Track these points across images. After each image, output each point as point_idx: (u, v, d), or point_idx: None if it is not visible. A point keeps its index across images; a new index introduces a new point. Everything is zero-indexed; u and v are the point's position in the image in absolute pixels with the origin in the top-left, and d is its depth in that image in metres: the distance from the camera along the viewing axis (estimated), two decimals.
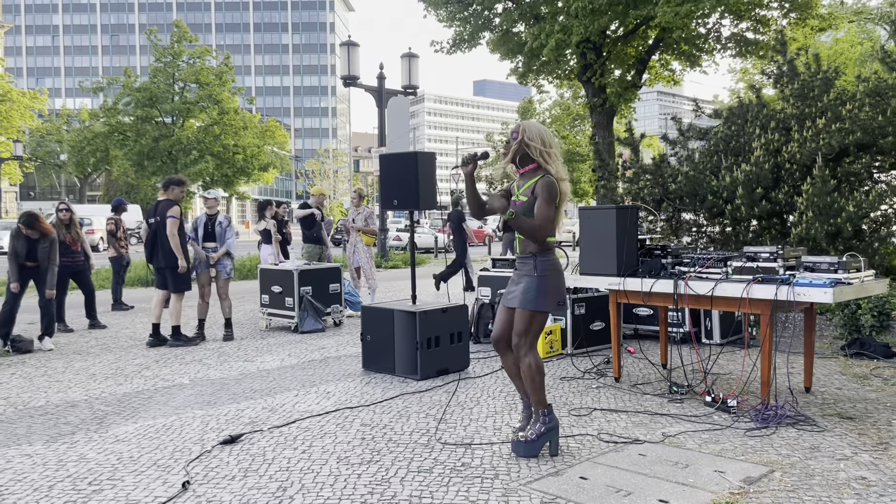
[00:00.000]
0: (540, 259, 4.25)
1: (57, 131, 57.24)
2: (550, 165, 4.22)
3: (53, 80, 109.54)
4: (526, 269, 4.29)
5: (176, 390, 6.10)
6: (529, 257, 4.28)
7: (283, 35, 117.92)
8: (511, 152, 4.29)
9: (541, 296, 4.22)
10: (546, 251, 4.26)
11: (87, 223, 31.74)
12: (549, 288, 4.24)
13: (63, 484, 3.95)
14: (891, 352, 6.77)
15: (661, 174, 9.26)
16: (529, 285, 4.23)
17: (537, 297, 4.22)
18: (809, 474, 3.89)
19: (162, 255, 8.15)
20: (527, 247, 4.28)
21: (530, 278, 4.24)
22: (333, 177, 76.22)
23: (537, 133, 4.23)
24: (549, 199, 4.13)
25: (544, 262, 4.25)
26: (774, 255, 5.02)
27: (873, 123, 7.93)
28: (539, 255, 4.25)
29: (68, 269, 9.47)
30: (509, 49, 18.48)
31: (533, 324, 4.26)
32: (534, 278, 4.23)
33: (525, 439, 4.23)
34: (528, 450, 4.22)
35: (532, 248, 4.26)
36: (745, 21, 16.98)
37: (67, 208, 9.63)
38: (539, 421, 4.26)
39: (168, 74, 38.06)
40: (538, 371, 4.24)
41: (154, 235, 8.20)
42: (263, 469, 4.12)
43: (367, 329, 6.74)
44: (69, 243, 9.46)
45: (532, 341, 4.27)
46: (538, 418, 4.27)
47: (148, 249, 8.35)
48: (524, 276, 4.28)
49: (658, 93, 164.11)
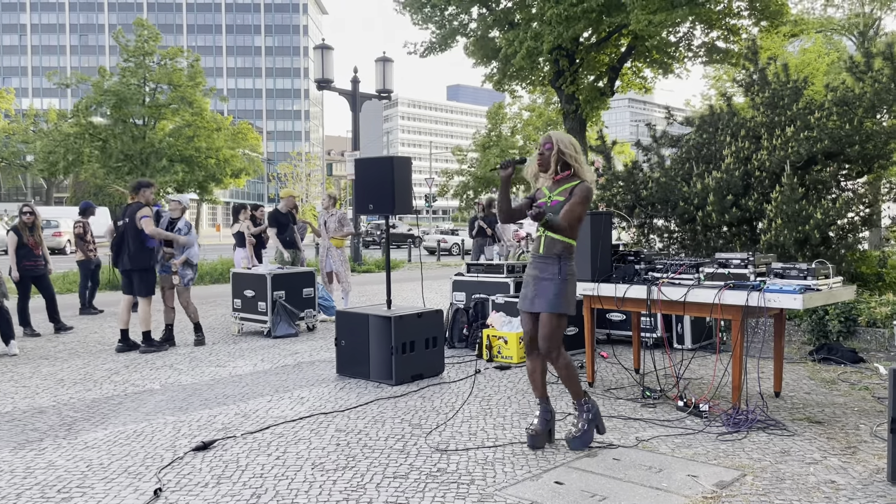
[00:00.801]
0: (564, 262, 4.42)
1: (24, 132, 56.20)
2: (585, 172, 4.48)
3: (20, 79, 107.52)
4: (549, 271, 4.41)
5: (146, 396, 6.02)
6: (554, 259, 4.41)
7: (255, 37, 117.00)
8: (553, 164, 4.47)
9: (567, 298, 4.40)
10: (570, 254, 4.45)
11: (53, 225, 31.23)
12: (572, 290, 4.43)
13: (31, 492, 3.87)
14: (858, 357, 6.90)
15: (634, 181, 9.35)
16: (557, 289, 4.37)
17: (563, 300, 4.38)
18: (780, 478, 3.95)
19: (128, 258, 8.03)
20: (552, 248, 4.42)
21: (554, 281, 4.38)
22: (306, 180, 75.78)
23: (569, 142, 4.48)
24: (584, 202, 4.36)
25: (569, 266, 4.43)
26: (746, 261, 5.10)
27: (840, 132, 8.10)
28: (563, 258, 4.42)
29: (29, 273, 9.29)
30: (484, 54, 18.56)
31: (560, 326, 4.43)
32: (559, 281, 4.38)
33: (579, 433, 4.44)
34: (583, 442, 4.44)
35: (558, 249, 4.41)
36: (717, 30, 17.23)
37: (31, 211, 9.43)
38: (584, 411, 4.50)
39: (139, 75, 37.57)
40: (571, 367, 4.47)
41: (121, 238, 8.09)
42: (237, 476, 4.08)
43: (342, 334, 6.70)
44: (31, 246, 9.27)
45: (559, 343, 4.45)
46: (582, 409, 4.50)
47: (115, 253, 8.22)
48: (546, 280, 4.41)
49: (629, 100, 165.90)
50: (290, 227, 10.57)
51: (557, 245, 4.40)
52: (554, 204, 4.42)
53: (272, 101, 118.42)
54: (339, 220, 10.56)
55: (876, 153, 8.39)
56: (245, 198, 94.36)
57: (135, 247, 8.01)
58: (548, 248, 4.42)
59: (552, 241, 4.41)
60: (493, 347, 7.25)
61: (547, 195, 4.51)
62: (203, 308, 11.84)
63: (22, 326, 9.19)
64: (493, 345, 7.25)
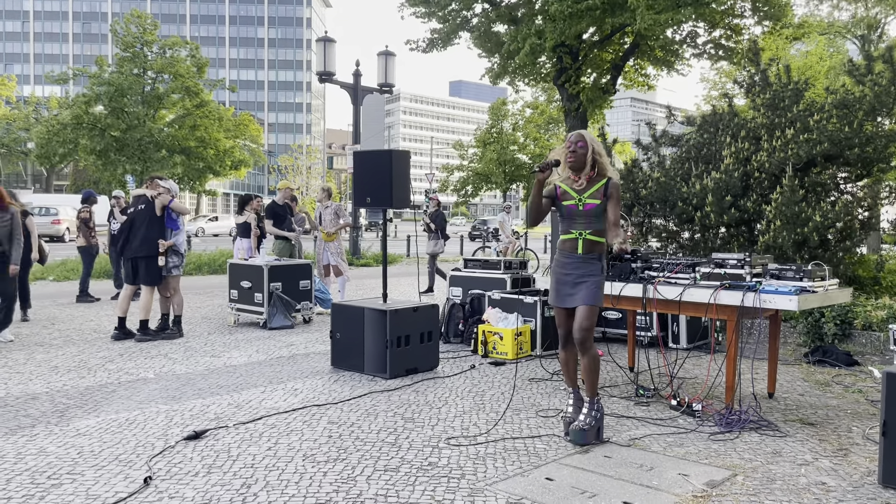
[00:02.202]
0: (601, 262, 4.67)
1: (25, 119, 56.13)
2: (610, 169, 4.73)
3: (22, 66, 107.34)
4: (592, 268, 4.62)
5: (140, 384, 6.02)
6: (597, 258, 4.65)
7: (258, 29, 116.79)
8: (588, 163, 4.61)
9: (601, 292, 4.64)
10: (603, 253, 4.71)
11: (53, 213, 31.20)
12: (603, 286, 4.69)
13: (21, 478, 3.87)
14: (852, 360, 6.90)
15: (633, 179, 9.34)
16: (598, 283, 4.60)
17: (599, 294, 4.61)
18: (771, 479, 3.95)
19: (138, 244, 8.05)
20: (594, 248, 4.64)
21: (597, 278, 4.60)
22: (307, 173, 75.76)
23: (599, 143, 4.69)
24: (619, 199, 4.66)
25: (603, 265, 4.69)
26: (742, 262, 5.09)
27: (840, 135, 8.08)
28: (601, 258, 4.68)
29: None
30: (487, 49, 18.51)
31: (595, 318, 4.62)
32: (600, 277, 4.61)
33: (587, 427, 4.49)
34: (586, 437, 4.47)
35: (599, 250, 4.65)
36: (720, 28, 17.18)
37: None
38: (594, 408, 4.57)
39: (137, 64, 37.44)
40: (598, 361, 4.64)
41: (130, 226, 8.14)
42: (228, 465, 4.08)
43: (337, 327, 6.70)
44: None
45: (593, 334, 4.63)
46: (593, 405, 4.58)
47: (122, 240, 8.26)
48: (589, 276, 4.59)
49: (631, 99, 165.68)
50: (287, 218, 10.55)
51: (598, 246, 4.65)
52: (589, 208, 4.61)
53: (274, 92, 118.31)
54: (336, 211, 10.56)
55: (875, 156, 8.38)
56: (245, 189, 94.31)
57: (145, 233, 8.03)
58: (589, 248, 4.64)
59: (593, 242, 4.63)
60: (489, 343, 7.24)
61: (576, 196, 4.64)
62: (200, 298, 11.84)
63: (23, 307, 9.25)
64: (489, 340, 7.25)
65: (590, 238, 4.62)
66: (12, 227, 7.90)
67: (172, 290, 8.39)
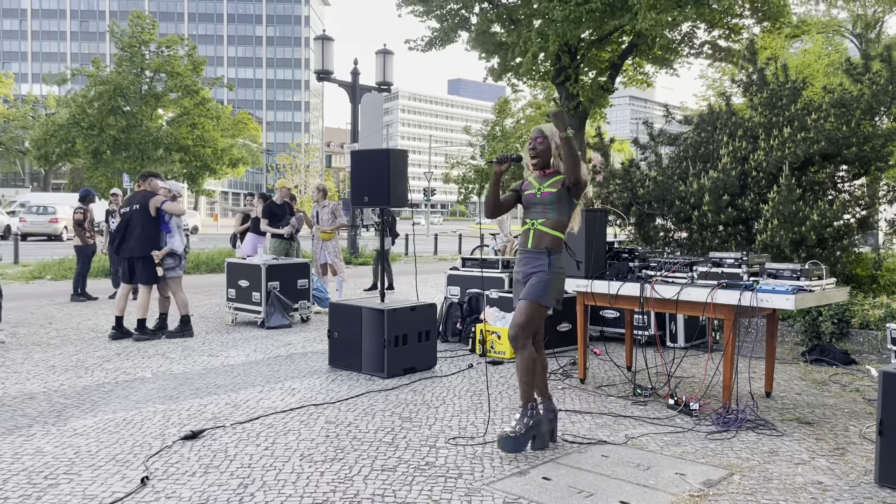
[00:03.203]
0: (554, 256, 4.35)
1: (23, 117, 56.03)
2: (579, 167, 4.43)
3: (20, 64, 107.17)
4: (537, 264, 4.35)
5: (137, 384, 6.01)
6: (543, 252, 4.35)
7: (256, 27, 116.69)
8: (554, 156, 4.41)
9: (548, 291, 4.31)
10: (558, 248, 4.38)
11: (51, 212, 31.17)
12: (557, 286, 4.36)
13: (18, 478, 3.87)
14: (850, 359, 6.91)
15: (631, 179, 9.34)
16: (543, 279, 4.30)
17: (544, 291, 4.30)
18: (767, 478, 3.95)
19: (134, 244, 8.05)
20: (542, 241, 4.36)
21: (543, 273, 4.31)
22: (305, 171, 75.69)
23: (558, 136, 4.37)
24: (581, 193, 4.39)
25: (558, 260, 4.37)
26: (739, 261, 5.10)
27: (838, 134, 8.09)
28: (553, 252, 4.36)
29: None
30: (485, 49, 18.51)
31: (535, 316, 4.31)
32: (546, 273, 4.31)
33: (514, 434, 4.24)
34: (514, 445, 4.23)
35: (547, 243, 4.35)
36: (718, 28, 17.19)
37: None
38: (526, 415, 4.31)
39: (135, 64, 37.35)
40: (533, 363, 4.33)
41: (126, 224, 8.12)
42: (225, 465, 4.08)
43: (335, 326, 6.70)
44: None
45: (531, 333, 4.34)
46: (525, 412, 4.32)
47: (117, 239, 8.23)
48: (536, 272, 4.34)
49: (630, 97, 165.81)
50: (284, 217, 10.55)
51: (548, 239, 4.35)
52: (545, 195, 4.37)
53: (272, 91, 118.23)
54: (332, 211, 10.57)
55: (873, 155, 8.38)
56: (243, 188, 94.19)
57: (140, 233, 8.02)
58: (538, 240, 4.37)
59: (541, 233, 4.36)
60: (487, 342, 7.25)
61: (536, 186, 4.44)
62: (198, 297, 11.83)
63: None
64: (487, 339, 7.25)
65: (540, 228, 4.37)
66: None
67: (172, 292, 8.38)
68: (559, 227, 4.37)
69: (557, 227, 4.37)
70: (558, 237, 4.37)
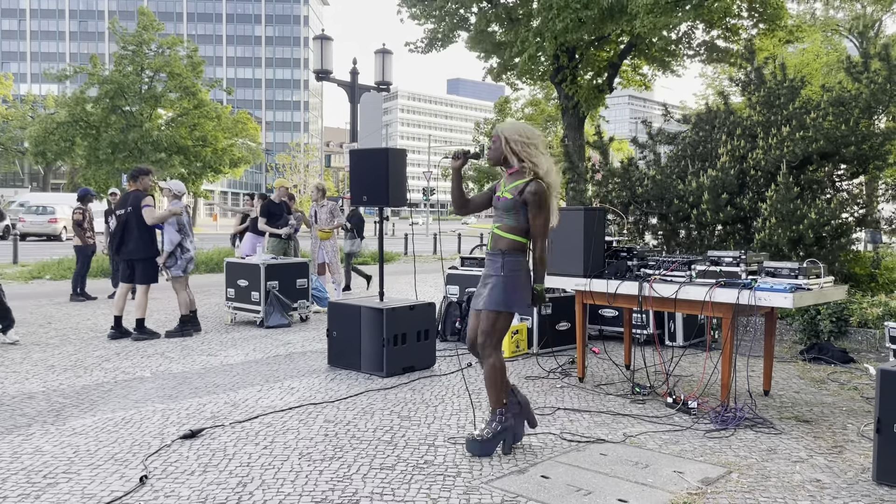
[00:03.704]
0: (508, 258, 4.22)
1: (22, 117, 56.01)
2: (536, 161, 4.17)
3: (19, 64, 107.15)
4: (493, 267, 4.26)
5: (136, 383, 6.02)
6: (498, 255, 4.25)
7: (255, 27, 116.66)
8: (509, 155, 4.23)
9: (506, 296, 4.20)
10: (514, 250, 4.23)
11: (50, 211, 31.16)
12: (515, 288, 4.21)
13: (17, 477, 3.87)
14: (848, 357, 6.92)
15: (629, 177, 9.35)
16: (496, 285, 4.22)
17: (503, 297, 4.20)
18: (765, 476, 3.96)
19: (133, 246, 8.04)
20: (497, 244, 4.26)
21: (497, 278, 4.22)
22: (304, 171, 75.70)
23: (515, 131, 4.21)
24: (542, 206, 4.15)
25: (511, 262, 4.21)
26: (737, 259, 5.10)
27: (836, 132, 8.10)
28: (507, 254, 4.22)
29: None
30: (484, 49, 18.52)
31: (497, 324, 4.25)
32: (500, 278, 4.21)
33: (481, 438, 4.23)
34: (483, 448, 4.22)
35: (502, 245, 4.24)
36: (717, 29, 17.20)
37: None
38: (495, 420, 4.28)
39: (136, 63, 37.33)
40: (501, 371, 4.27)
41: (123, 226, 8.10)
42: (224, 464, 4.08)
43: (334, 325, 6.70)
44: None
45: (497, 342, 4.28)
46: (494, 417, 4.29)
47: (116, 241, 8.22)
48: (491, 276, 4.27)
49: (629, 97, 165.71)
50: (282, 217, 10.55)
51: (501, 241, 4.25)
52: (500, 200, 4.25)
53: (272, 91, 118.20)
54: (331, 211, 10.59)
55: (871, 154, 8.40)
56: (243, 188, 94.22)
57: (138, 235, 8.01)
58: (494, 243, 4.28)
59: (497, 237, 4.27)
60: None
61: (501, 189, 4.32)
62: (197, 297, 11.77)
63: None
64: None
65: (496, 231, 4.25)
66: None
67: (175, 291, 8.37)
68: (514, 232, 4.22)
69: (512, 231, 4.22)
70: (514, 240, 4.22)
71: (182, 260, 8.34)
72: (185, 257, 8.37)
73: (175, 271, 8.29)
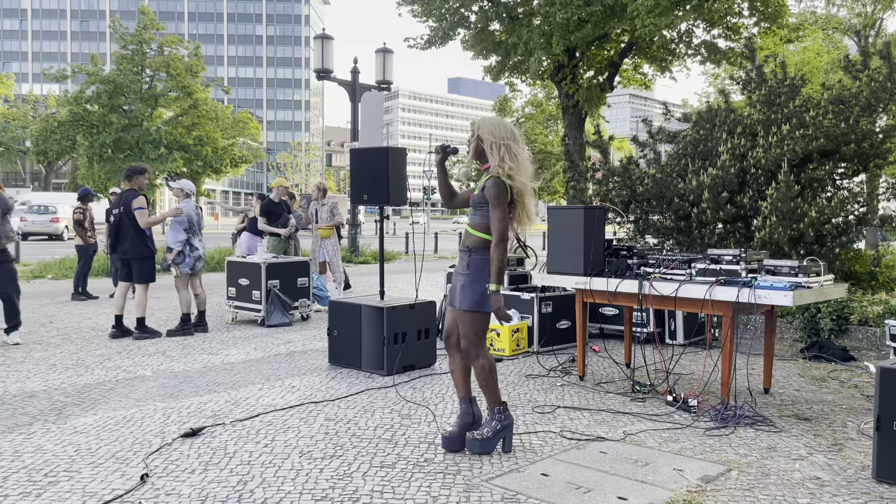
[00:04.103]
0: (474, 256, 4.16)
1: (23, 117, 56.06)
2: (504, 159, 4.08)
3: (20, 64, 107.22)
4: (461, 265, 4.22)
5: (138, 382, 6.03)
6: (466, 252, 4.20)
7: (256, 26, 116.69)
8: (471, 150, 4.25)
9: (473, 294, 4.15)
10: (480, 248, 4.16)
11: (52, 211, 31.20)
12: (481, 286, 4.15)
13: (18, 475, 3.89)
14: (848, 355, 6.92)
15: (630, 176, 9.35)
16: (465, 283, 4.17)
17: (471, 296, 4.15)
18: (765, 474, 3.96)
19: (128, 246, 8.05)
20: (466, 239, 4.21)
21: (464, 277, 4.18)
22: (305, 170, 75.73)
23: (489, 128, 4.15)
24: (498, 201, 4.04)
25: (477, 260, 4.15)
26: (737, 257, 5.11)
27: (836, 130, 8.09)
28: (474, 252, 4.16)
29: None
30: (484, 47, 18.50)
31: (476, 324, 4.20)
32: (466, 276, 4.17)
33: (481, 437, 4.22)
34: (483, 447, 4.22)
35: (470, 241, 4.18)
36: (717, 28, 17.18)
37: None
38: (494, 419, 4.26)
39: (135, 63, 37.34)
40: (491, 371, 4.23)
41: (118, 225, 8.10)
42: (224, 462, 4.09)
43: (335, 324, 6.71)
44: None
45: (480, 341, 4.24)
46: (493, 416, 4.27)
47: (112, 240, 8.24)
48: (459, 274, 4.23)
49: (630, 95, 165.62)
50: (282, 216, 10.56)
51: (469, 238, 4.19)
52: (471, 197, 4.26)
53: (272, 90, 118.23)
54: (331, 209, 10.60)
55: (872, 152, 8.39)
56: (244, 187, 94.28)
57: (133, 235, 8.01)
58: (464, 240, 4.23)
59: (467, 233, 4.21)
60: (486, 340, 7.24)
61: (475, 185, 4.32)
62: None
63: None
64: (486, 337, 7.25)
65: (467, 229, 4.22)
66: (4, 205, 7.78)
67: (176, 288, 8.38)
68: (479, 228, 4.15)
69: (478, 227, 4.16)
70: (479, 237, 4.15)
71: (190, 258, 8.36)
72: (194, 255, 8.39)
73: (183, 269, 8.31)
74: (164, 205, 53.22)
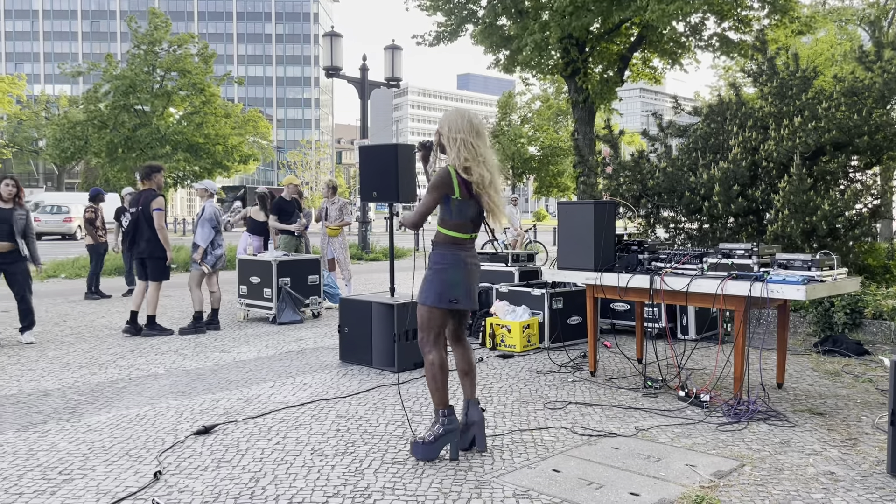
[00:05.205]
0: (435, 252, 4.09)
1: (35, 117, 56.39)
2: (457, 151, 3.98)
3: (32, 65, 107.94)
4: (429, 260, 4.15)
5: (151, 380, 6.06)
6: (432, 247, 4.13)
7: (266, 25, 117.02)
8: (435, 145, 4.20)
9: (430, 291, 4.07)
10: (444, 244, 4.08)
11: (64, 211, 31.44)
12: (439, 282, 4.05)
13: (33, 473, 3.91)
14: (862, 349, 6.87)
15: (640, 170, 9.30)
16: (424, 277, 4.14)
17: (426, 291, 4.09)
18: (779, 469, 3.94)
19: (145, 245, 8.10)
20: (435, 237, 4.13)
21: (427, 272, 4.13)
22: (315, 168, 75.87)
23: (446, 122, 4.06)
24: (429, 188, 4.00)
25: (436, 255, 4.08)
26: (749, 252, 5.07)
27: (849, 123, 8.02)
28: (436, 248, 4.10)
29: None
30: (493, 42, 18.47)
31: (426, 318, 4.12)
32: (427, 271, 4.13)
33: (422, 440, 4.06)
34: (423, 453, 4.04)
35: (434, 237, 4.12)
36: (728, 20, 17.08)
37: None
38: (438, 422, 4.09)
39: (147, 62, 37.52)
40: (440, 369, 4.11)
41: (135, 225, 8.16)
42: (237, 460, 4.11)
43: (345, 321, 6.72)
44: None
45: (432, 337, 4.13)
46: (437, 418, 4.11)
47: (129, 239, 8.30)
48: (427, 269, 4.17)
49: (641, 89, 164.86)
50: (293, 214, 10.57)
51: (436, 234, 4.13)
52: None
53: (282, 88, 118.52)
54: (341, 208, 10.61)
55: (885, 144, 8.31)
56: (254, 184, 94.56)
57: (151, 234, 8.06)
58: (434, 236, 4.15)
59: (436, 230, 4.15)
60: (497, 336, 7.25)
61: None
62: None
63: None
64: (497, 333, 7.25)
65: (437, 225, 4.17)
66: (27, 223, 7.87)
67: (189, 287, 8.46)
68: (440, 223, 4.08)
69: (440, 222, 4.09)
70: (440, 232, 4.08)
71: (212, 256, 8.44)
72: (216, 254, 8.47)
73: (198, 267, 8.38)
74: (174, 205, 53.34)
